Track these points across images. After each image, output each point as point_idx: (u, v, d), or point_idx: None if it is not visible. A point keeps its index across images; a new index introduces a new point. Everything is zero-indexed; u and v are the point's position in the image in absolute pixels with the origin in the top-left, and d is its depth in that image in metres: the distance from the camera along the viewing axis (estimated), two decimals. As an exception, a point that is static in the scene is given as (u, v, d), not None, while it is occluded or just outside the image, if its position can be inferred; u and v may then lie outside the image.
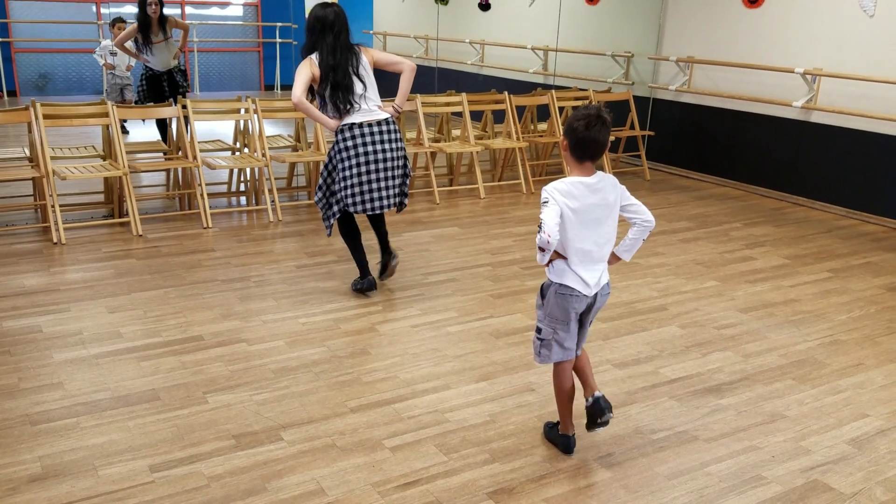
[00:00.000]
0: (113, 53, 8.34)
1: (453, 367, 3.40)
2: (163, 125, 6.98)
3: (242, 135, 6.04)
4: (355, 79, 3.91)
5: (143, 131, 8.00)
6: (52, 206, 4.92)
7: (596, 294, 2.63)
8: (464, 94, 6.63)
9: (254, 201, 5.99)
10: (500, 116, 7.08)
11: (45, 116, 5.04)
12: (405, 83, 4.15)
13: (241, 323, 3.80)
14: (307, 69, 3.88)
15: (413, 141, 6.54)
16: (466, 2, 10.33)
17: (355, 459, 2.69)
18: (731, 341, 3.78)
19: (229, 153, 6.13)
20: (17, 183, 5.54)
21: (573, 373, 2.77)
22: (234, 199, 6.17)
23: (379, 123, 3.95)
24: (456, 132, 6.85)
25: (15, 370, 3.23)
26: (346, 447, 2.76)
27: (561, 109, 7.15)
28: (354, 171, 3.92)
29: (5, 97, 11.01)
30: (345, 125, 3.93)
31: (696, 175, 7.55)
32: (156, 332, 3.65)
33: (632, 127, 7.47)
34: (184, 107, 5.51)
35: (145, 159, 6.04)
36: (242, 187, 6.20)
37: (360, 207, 3.98)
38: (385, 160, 3.96)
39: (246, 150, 5.98)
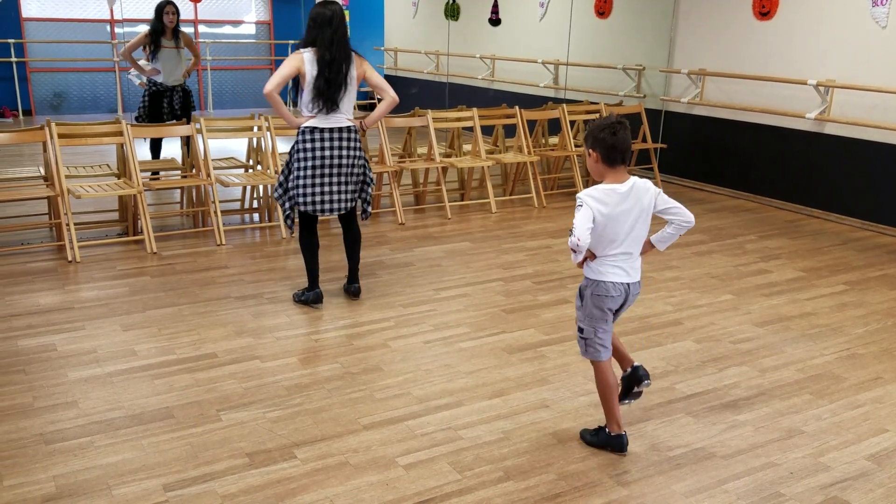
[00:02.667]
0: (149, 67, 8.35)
1: (466, 384, 3.39)
2: (156, 144, 6.99)
3: (255, 152, 6.07)
4: (343, 86, 4.02)
5: (144, 149, 8.05)
6: (67, 225, 4.96)
7: (629, 292, 2.78)
8: (474, 109, 6.64)
9: (267, 218, 6.01)
10: (511, 131, 7.09)
11: (60, 136, 5.09)
12: (382, 109, 4.27)
13: (255, 340, 3.80)
14: (293, 64, 3.97)
15: (424, 156, 6.56)
16: (477, 17, 10.38)
17: (369, 478, 2.67)
18: (747, 356, 3.75)
19: (242, 170, 6.17)
20: (32, 202, 5.58)
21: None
22: (247, 216, 6.20)
23: (340, 130, 4.06)
24: (467, 147, 6.86)
25: (30, 389, 3.25)
26: (359, 465, 2.75)
27: (572, 123, 7.15)
28: (308, 172, 4.04)
29: (21, 116, 11.14)
30: (306, 128, 4.04)
31: (709, 187, 7.52)
32: (170, 350, 3.66)
33: (644, 140, 7.46)
34: (197, 125, 5.55)
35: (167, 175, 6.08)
36: (255, 204, 6.23)
37: (309, 207, 4.10)
38: (340, 165, 4.08)
39: (259, 167, 6.01)
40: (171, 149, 7.22)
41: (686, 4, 7.50)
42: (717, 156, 7.45)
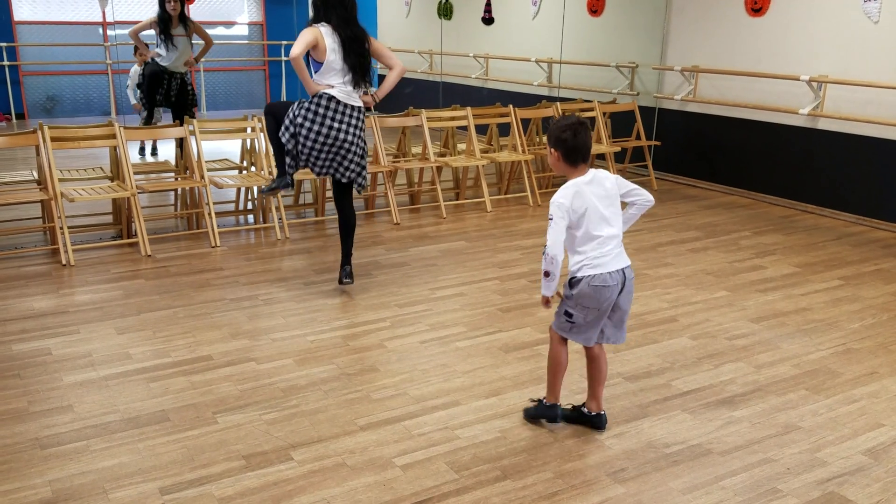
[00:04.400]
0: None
1: (463, 383, 3.38)
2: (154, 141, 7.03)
3: (249, 153, 6.06)
4: (368, 63, 4.20)
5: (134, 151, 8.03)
6: (61, 228, 4.94)
7: (624, 279, 2.81)
8: (469, 108, 6.64)
9: (261, 219, 6.00)
10: (505, 129, 7.08)
11: (53, 139, 5.07)
12: (392, 78, 4.38)
13: (250, 342, 3.79)
14: (312, 34, 4.06)
15: (419, 156, 6.55)
16: (470, 16, 10.37)
17: (365, 478, 2.67)
18: (743, 352, 3.75)
19: (236, 172, 6.15)
20: (26, 206, 5.56)
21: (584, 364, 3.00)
22: (241, 218, 6.19)
23: (353, 108, 4.20)
24: (461, 146, 6.85)
25: (25, 393, 3.23)
26: (356, 466, 2.74)
27: (566, 121, 7.13)
28: (312, 135, 4.13)
29: (14, 120, 11.10)
30: (325, 93, 4.13)
31: (703, 184, 7.52)
32: (165, 353, 3.65)
33: (638, 137, 7.46)
34: (191, 126, 5.53)
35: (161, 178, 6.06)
36: (250, 205, 6.22)
37: (313, 168, 4.24)
38: (345, 141, 4.18)
39: (253, 168, 6.00)
40: (165, 150, 7.20)
41: (679, 1, 7.50)
42: (710, 152, 7.46)
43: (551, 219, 2.74)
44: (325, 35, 4.09)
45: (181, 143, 6.36)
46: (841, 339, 3.93)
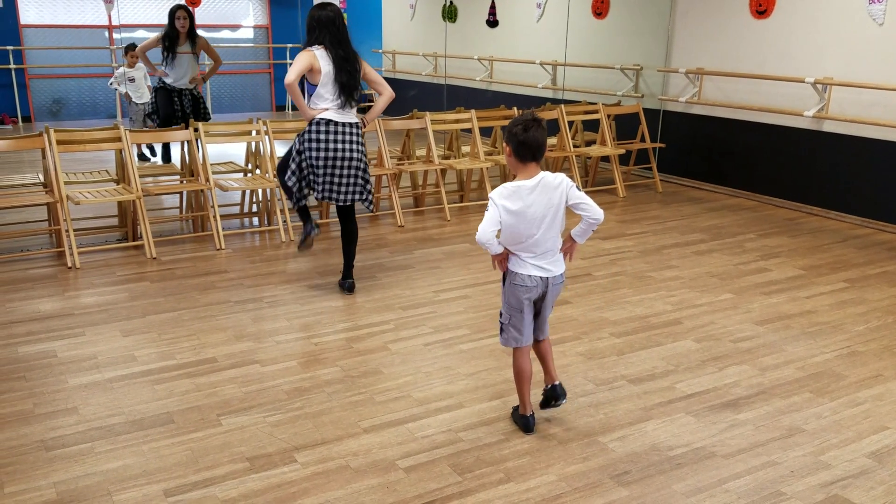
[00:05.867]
0: (131, 80, 8.34)
1: (466, 386, 3.39)
2: (167, 146, 7.02)
3: (254, 156, 6.08)
4: (359, 81, 4.25)
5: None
6: (67, 231, 4.96)
7: (548, 284, 2.86)
8: (473, 111, 6.64)
9: (266, 222, 6.01)
10: (509, 132, 7.07)
11: (59, 142, 5.09)
12: (380, 104, 4.45)
13: (255, 344, 3.80)
14: (307, 59, 4.14)
15: (423, 158, 6.56)
16: (474, 19, 10.39)
17: (369, 481, 2.67)
18: (747, 355, 3.75)
19: (241, 175, 6.17)
20: (32, 208, 5.59)
21: (535, 358, 3.02)
22: (246, 221, 6.20)
23: (351, 125, 4.27)
24: (466, 148, 6.86)
25: (30, 395, 3.25)
26: (359, 468, 2.75)
27: (570, 124, 7.15)
28: (321, 162, 4.21)
29: (20, 123, 11.15)
30: (321, 119, 4.21)
31: (708, 186, 7.51)
32: (170, 355, 3.66)
33: (642, 139, 7.46)
34: (196, 129, 5.55)
35: (164, 181, 6.09)
36: (255, 208, 6.23)
37: (319, 195, 4.31)
38: (350, 158, 4.26)
39: (258, 171, 6.02)
40: (172, 153, 7.22)
41: (683, 4, 7.50)
42: (715, 155, 7.45)
43: (488, 207, 2.79)
44: (319, 58, 4.16)
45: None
46: (846, 341, 3.92)
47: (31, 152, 7.42)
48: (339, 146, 4.22)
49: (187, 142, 5.68)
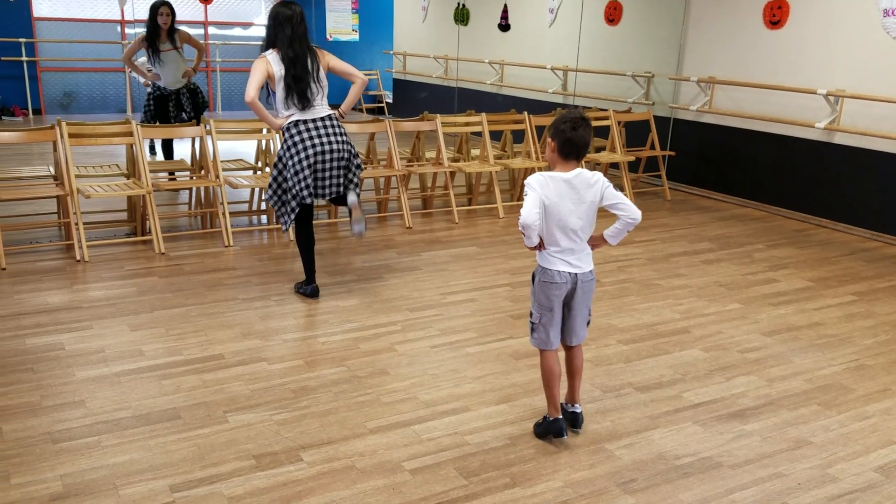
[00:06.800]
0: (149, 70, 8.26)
1: (473, 389, 3.38)
2: (168, 146, 6.94)
3: (264, 154, 6.08)
4: (312, 80, 4.14)
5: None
6: (76, 224, 4.97)
7: (577, 281, 2.83)
8: (483, 114, 6.64)
9: (275, 220, 6.02)
10: (519, 136, 7.09)
11: (71, 135, 5.10)
12: (354, 92, 4.41)
13: (262, 342, 3.81)
14: (262, 67, 4.09)
15: (432, 160, 6.56)
16: (486, 23, 10.39)
17: (375, 482, 2.67)
18: (755, 365, 3.73)
19: (251, 172, 6.18)
20: (41, 201, 5.60)
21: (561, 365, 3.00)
22: (254, 218, 6.21)
23: (322, 119, 4.19)
24: (475, 152, 6.86)
25: (37, 388, 3.25)
26: (365, 469, 2.74)
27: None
28: (305, 163, 4.13)
29: (30, 115, 11.19)
30: (290, 123, 4.16)
31: (717, 195, 7.50)
32: (177, 351, 3.67)
33: (652, 147, 7.45)
34: (207, 126, 5.56)
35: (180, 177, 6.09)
36: (263, 206, 6.24)
37: (305, 192, 4.17)
38: (331, 151, 4.18)
39: (267, 169, 6.02)
40: (182, 149, 7.22)
41: (696, 12, 7.50)
42: (725, 164, 7.44)
43: (527, 192, 2.75)
44: (272, 62, 4.10)
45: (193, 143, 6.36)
46: (854, 354, 3.91)
47: (41, 144, 7.43)
48: (317, 140, 4.12)
49: (198, 138, 5.70)
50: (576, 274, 2.83)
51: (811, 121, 6.48)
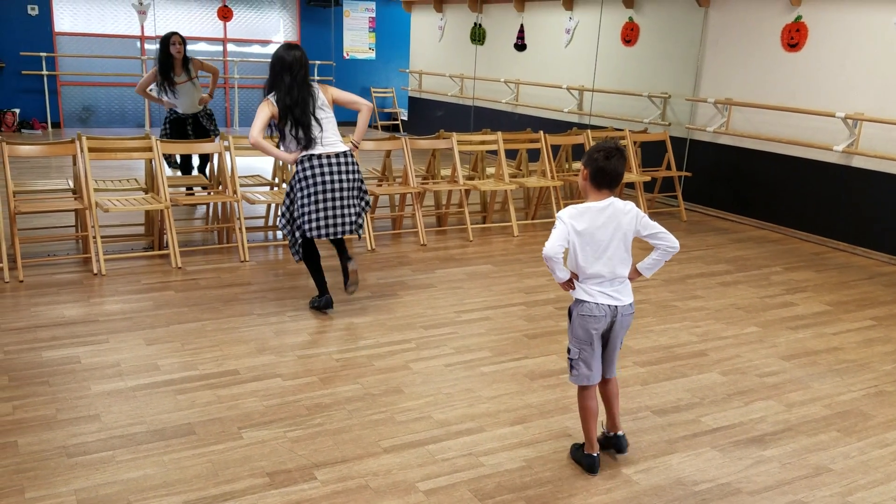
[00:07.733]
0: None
1: (488, 409, 3.36)
2: (188, 163, 6.96)
3: (281, 170, 6.11)
4: (312, 120, 4.17)
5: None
6: (94, 238, 5.00)
7: (617, 314, 2.78)
8: (499, 133, 6.65)
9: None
10: (534, 155, 7.09)
11: (91, 150, 5.15)
12: (362, 121, 4.45)
13: (277, 357, 3.80)
14: (266, 110, 4.17)
15: (448, 178, 6.57)
16: (502, 42, 10.43)
17: (389, 502, 2.65)
18: (773, 390, 3.69)
19: (268, 188, 6.21)
20: (60, 214, 5.64)
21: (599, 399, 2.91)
22: (270, 234, 6.23)
23: (337, 155, 4.22)
24: (490, 170, 6.86)
25: (53, 401, 3.26)
26: (379, 489, 2.72)
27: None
28: (313, 198, 4.17)
29: (49, 128, 11.31)
30: (304, 156, 4.20)
31: (734, 217, 7.46)
32: (192, 366, 3.67)
33: (668, 168, 7.43)
34: (226, 143, 5.60)
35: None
36: (279, 222, 6.25)
37: (316, 233, 4.23)
38: (342, 189, 4.22)
39: (284, 185, 6.04)
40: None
41: (713, 33, 7.50)
42: (742, 186, 7.41)
43: (556, 225, 2.74)
44: (276, 105, 4.15)
45: (204, 160, 6.37)
46: (873, 380, 3.86)
47: (60, 158, 7.50)
48: (328, 177, 4.17)
49: (216, 154, 5.73)
50: (616, 307, 2.78)
51: (829, 144, 6.45)
